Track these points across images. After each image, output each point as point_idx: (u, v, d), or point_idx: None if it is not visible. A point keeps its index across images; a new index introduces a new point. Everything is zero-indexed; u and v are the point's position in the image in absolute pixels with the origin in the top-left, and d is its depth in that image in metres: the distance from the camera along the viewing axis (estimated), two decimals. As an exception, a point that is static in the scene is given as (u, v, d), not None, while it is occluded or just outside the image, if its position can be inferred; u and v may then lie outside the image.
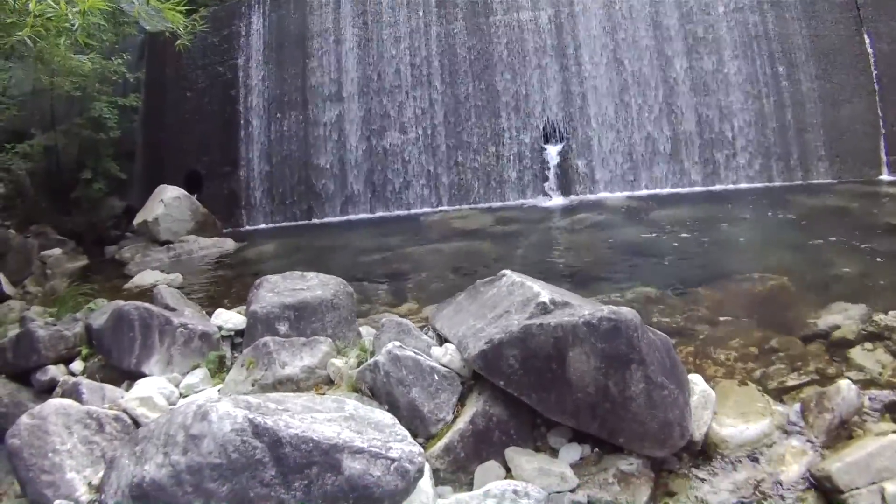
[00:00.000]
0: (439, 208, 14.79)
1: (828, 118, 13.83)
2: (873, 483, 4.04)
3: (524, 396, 4.38)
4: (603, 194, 14.20)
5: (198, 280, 11.39)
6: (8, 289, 10.73)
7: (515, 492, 3.66)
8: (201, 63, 16.51)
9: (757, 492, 4.23)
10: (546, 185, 14.48)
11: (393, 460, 3.55)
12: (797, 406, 4.95)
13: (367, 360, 5.05)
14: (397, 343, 4.92)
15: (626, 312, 4.28)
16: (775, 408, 4.98)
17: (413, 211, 14.94)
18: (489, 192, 14.71)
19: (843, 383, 4.89)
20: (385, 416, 4.07)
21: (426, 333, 5.63)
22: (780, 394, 5.31)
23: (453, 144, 14.88)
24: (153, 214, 13.99)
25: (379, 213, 15.18)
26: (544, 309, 4.54)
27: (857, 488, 4.04)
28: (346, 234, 14.10)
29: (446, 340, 5.22)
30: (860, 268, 8.27)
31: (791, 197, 12.72)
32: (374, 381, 4.82)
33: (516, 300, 4.80)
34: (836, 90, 13.84)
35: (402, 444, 3.69)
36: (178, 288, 10.61)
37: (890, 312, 6.22)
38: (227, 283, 10.65)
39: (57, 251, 13.28)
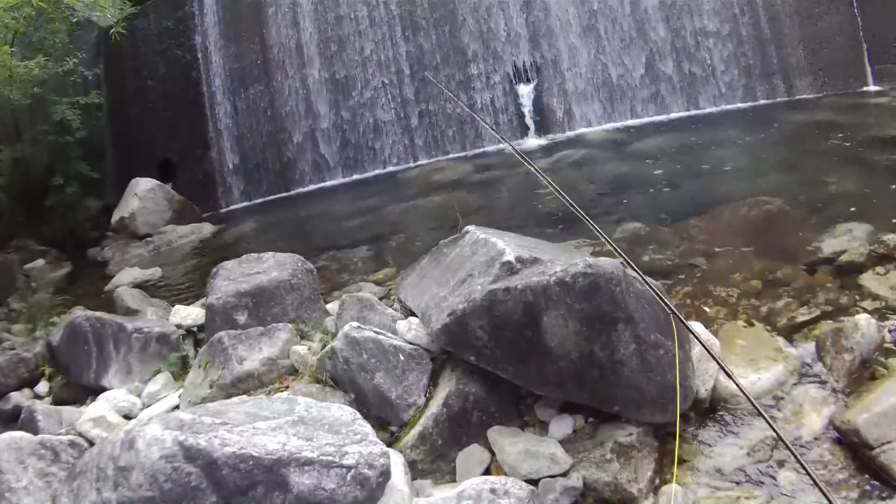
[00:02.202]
0: (416, 163, 14.21)
1: (806, 32, 13.28)
2: (907, 435, 3.52)
3: (500, 370, 3.86)
4: (582, 130, 13.60)
5: (177, 271, 11.06)
6: (-8, 309, 10.35)
7: (493, 490, 3.15)
8: (158, 49, 15.86)
9: (775, 452, 3.72)
10: (523, 126, 13.90)
11: (348, 468, 3.13)
12: (812, 346, 4.46)
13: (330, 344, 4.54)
14: (355, 324, 4.41)
15: (605, 265, 3.71)
16: (787, 350, 4.49)
17: (390, 169, 14.36)
18: (465, 140, 14.12)
19: (862, 317, 4.40)
20: (344, 413, 3.59)
21: (392, 306, 5.13)
22: (791, 332, 4.82)
23: (423, 96, 14.28)
24: (129, 209, 13.60)
25: (355, 176, 14.60)
26: (510, 269, 3.98)
27: (889, 442, 3.52)
28: (324, 201, 13.63)
29: (412, 313, 4.69)
30: (858, 184, 7.78)
31: (777, 115, 12.23)
32: (334, 368, 4.33)
33: (480, 261, 4.24)
34: (812, 2, 13.28)
35: (360, 447, 3.25)
36: (158, 281, 10.35)
37: (898, 230, 5.71)
38: (205, 269, 10.16)
39: (39, 262, 12.92)
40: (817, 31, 13.25)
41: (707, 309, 5.38)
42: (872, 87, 12.92)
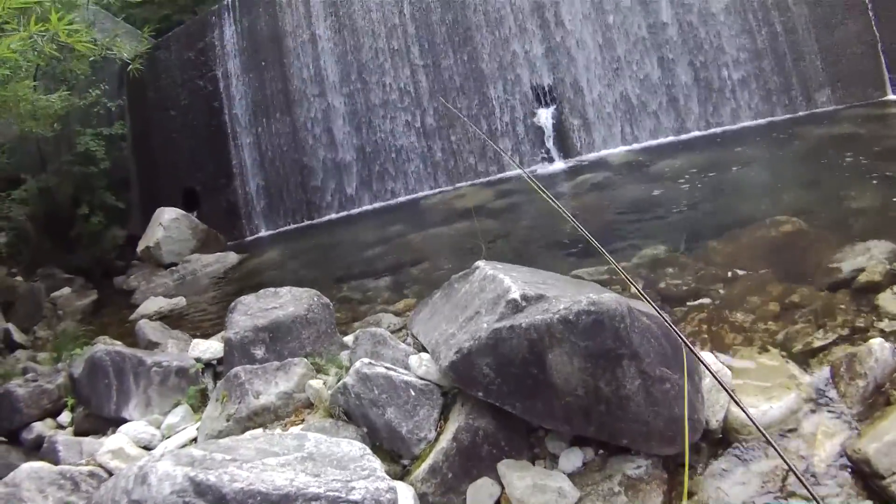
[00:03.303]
0: (438, 189, 14.28)
1: (823, 43, 13.13)
2: (918, 464, 3.49)
3: (507, 406, 3.88)
4: (603, 152, 13.57)
5: (201, 300, 11.19)
6: (18, 337, 10.46)
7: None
8: (181, 80, 16.14)
9: (786, 483, 3.69)
10: (543, 150, 13.91)
11: (354, 503, 3.08)
12: (826, 372, 4.41)
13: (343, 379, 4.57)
14: (366, 360, 4.44)
15: (609, 302, 3.72)
16: (801, 377, 4.45)
17: (412, 196, 14.44)
18: (486, 165, 14.15)
19: (876, 343, 4.34)
20: (353, 448, 3.61)
21: (405, 340, 5.16)
22: (806, 358, 4.77)
23: (443, 122, 14.36)
24: (154, 239, 13.80)
25: (378, 203, 14.71)
26: (515, 307, 3.99)
27: (900, 471, 3.50)
28: (348, 229, 13.75)
29: (424, 348, 4.72)
30: (877, 199, 7.68)
31: (796, 129, 12.10)
32: (346, 403, 4.36)
33: (487, 297, 4.26)
34: (828, 13, 13.11)
35: (367, 482, 3.25)
36: (182, 311, 10.46)
37: (917, 247, 5.64)
38: (230, 298, 10.28)
39: (66, 290, 13.11)
40: (834, 42, 13.09)
41: (722, 335, 5.35)
42: (892, 97, 12.73)
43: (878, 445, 3.60)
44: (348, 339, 6.02)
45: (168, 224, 13.93)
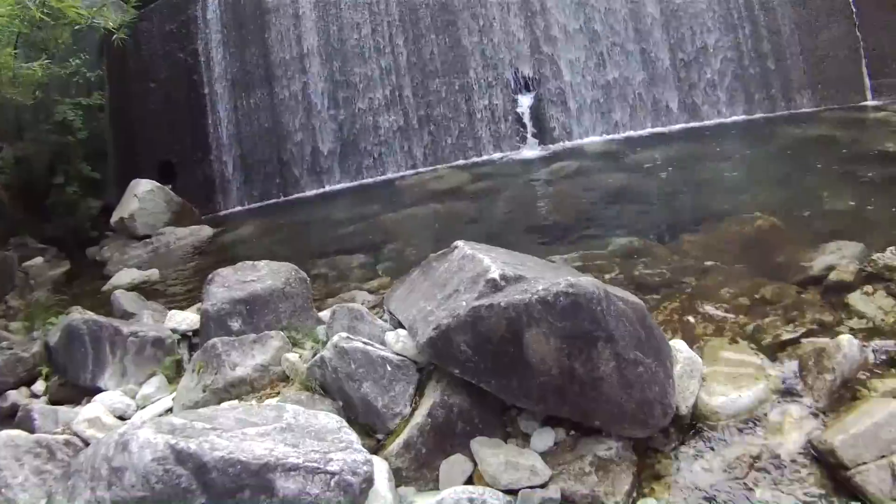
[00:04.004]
0: (415, 170, 14.26)
1: (806, 45, 13.34)
2: (882, 457, 3.58)
3: (483, 384, 3.95)
4: (581, 140, 13.67)
5: (175, 273, 11.11)
6: (-11, 306, 10.39)
7: (471, 500, 3.25)
8: (161, 52, 15.92)
9: (753, 469, 3.79)
10: (521, 136, 13.97)
11: (333, 474, 3.20)
12: (794, 365, 4.52)
13: (320, 353, 4.63)
14: (344, 334, 4.49)
15: (587, 284, 3.81)
16: (770, 369, 4.55)
17: (388, 176, 14.42)
18: (464, 149, 14.17)
19: (844, 338, 4.44)
20: (330, 421, 3.68)
21: (381, 317, 5.21)
22: (776, 350, 4.86)
23: (423, 104, 14.35)
24: (128, 210, 13.65)
25: (354, 182, 14.67)
26: (494, 286, 4.06)
27: (864, 463, 3.58)
28: (323, 207, 13.73)
29: (401, 324, 4.78)
30: (851, 200, 7.79)
31: (775, 128, 12.27)
32: (323, 377, 4.43)
33: (466, 276, 4.32)
34: (813, 16, 13.31)
35: (345, 454, 3.32)
36: (155, 283, 10.42)
37: (888, 249, 5.74)
38: (203, 272, 10.20)
39: (38, 260, 12.95)
40: (817, 45, 13.29)
41: (693, 325, 5.43)
42: (871, 102, 12.95)
43: (844, 437, 3.69)
44: (324, 314, 6.06)
45: (143, 196, 13.77)
